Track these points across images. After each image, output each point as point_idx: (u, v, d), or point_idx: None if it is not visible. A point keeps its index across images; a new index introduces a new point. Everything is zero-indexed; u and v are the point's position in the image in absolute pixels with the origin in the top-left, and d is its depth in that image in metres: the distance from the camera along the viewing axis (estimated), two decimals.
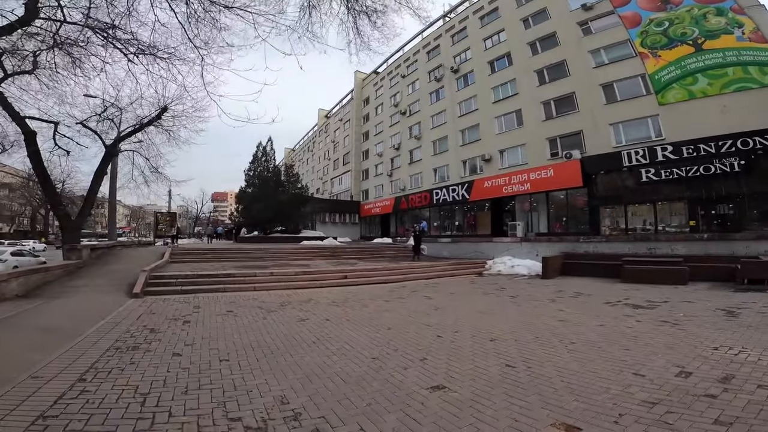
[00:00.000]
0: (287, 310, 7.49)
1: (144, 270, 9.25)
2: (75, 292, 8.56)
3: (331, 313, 7.23)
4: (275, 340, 5.28)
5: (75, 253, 11.27)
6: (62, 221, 13.92)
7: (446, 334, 5.73)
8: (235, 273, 10.23)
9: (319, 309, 7.65)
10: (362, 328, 6.10)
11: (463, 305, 8.32)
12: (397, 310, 7.75)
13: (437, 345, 5.14)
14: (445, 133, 32.57)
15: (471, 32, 31.53)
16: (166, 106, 15.28)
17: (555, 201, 23.53)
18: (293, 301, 8.41)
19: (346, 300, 8.76)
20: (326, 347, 5.02)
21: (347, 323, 6.45)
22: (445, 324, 6.44)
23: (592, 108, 21.50)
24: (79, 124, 14.52)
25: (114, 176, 17.25)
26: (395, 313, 7.35)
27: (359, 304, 8.27)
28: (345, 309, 7.71)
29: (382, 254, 18.49)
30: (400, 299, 9.09)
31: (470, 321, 6.67)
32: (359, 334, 5.77)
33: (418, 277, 12.79)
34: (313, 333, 5.74)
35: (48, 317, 6.37)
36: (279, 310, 7.38)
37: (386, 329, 6.08)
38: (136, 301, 7.81)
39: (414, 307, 8.03)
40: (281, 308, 7.60)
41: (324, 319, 6.75)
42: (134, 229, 76.83)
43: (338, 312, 7.38)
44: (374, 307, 8.03)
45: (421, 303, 8.56)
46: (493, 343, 5.16)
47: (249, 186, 30.83)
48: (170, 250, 14.56)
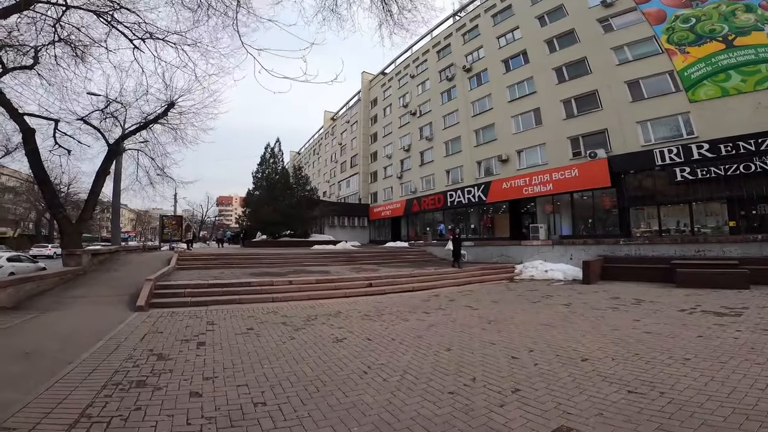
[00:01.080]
0: (316, 326, 6.39)
1: (149, 279, 8.19)
2: (71, 304, 7.50)
3: (369, 330, 6.13)
4: (316, 370, 4.18)
5: (74, 260, 10.24)
6: (62, 225, 12.92)
7: (521, 354, 4.75)
8: (250, 282, 9.15)
9: (353, 324, 6.54)
10: (416, 350, 5.02)
11: (518, 316, 7.24)
12: (444, 324, 6.65)
13: (520, 369, 4.18)
14: (458, 133, 31.60)
15: (483, 30, 30.64)
16: (173, 101, 14.34)
17: (579, 202, 22.45)
18: (320, 315, 7.30)
19: (380, 312, 7.65)
20: (383, 379, 3.95)
21: (394, 343, 5.36)
22: (512, 341, 5.44)
23: (617, 106, 20.57)
24: (81, 120, 13.55)
25: (118, 177, 16.25)
26: (445, 329, 6.26)
27: (397, 318, 7.16)
28: (383, 324, 6.61)
29: (402, 259, 17.38)
30: (440, 310, 7.99)
31: (538, 336, 5.67)
32: (415, 358, 4.69)
33: (448, 284, 11.70)
34: (359, 358, 4.65)
35: (35, 336, 5.30)
36: (307, 327, 6.28)
37: (445, 350, 5.02)
38: (140, 315, 6.73)
39: (462, 320, 6.94)
40: (308, 324, 6.50)
41: (364, 338, 5.64)
42: (140, 233, 76.01)
43: (377, 328, 6.28)
44: (415, 321, 6.92)
45: (467, 315, 7.48)
46: (588, 364, 4.31)
47: (257, 189, 29.89)
48: (177, 255, 13.50)
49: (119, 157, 15.94)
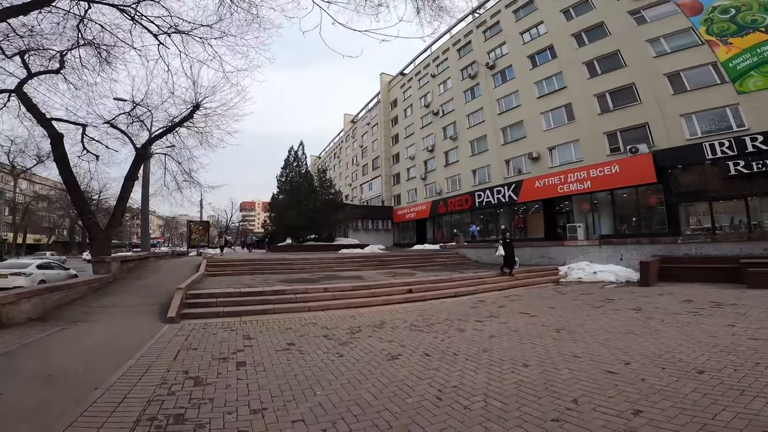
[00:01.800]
0: (362, 339, 5.72)
1: (179, 288, 7.70)
2: (100, 315, 7.06)
3: (423, 344, 5.42)
4: (379, 397, 3.50)
5: (103, 267, 9.93)
6: (91, 231, 12.75)
7: (618, 368, 4.12)
8: (283, 289, 8.56)
9: (403, 337, 5.84)
10: (487, 367, 4.31)
11: (588, 324, 6.40)
12: (506, 334, 5.90)
13: (627, 386, 3.60)
14: (484, 132, 30.78)
15: (505, 26, 29.84)
16: (199, 103, 14.07)
17: (620, 200, 21.28)
18: (363, 326, 6.62)
19: (428, 322, 6.92)
20: (464, 406, 3.27)
21: (458, 360, 4.65)
22: (597, 352, 4.74)
23: (658, 99, 19.53)
24: (107, 123, 13.42)
25: (146, 182, 16.10)
26: (509, 341, 5.51)
27: (450, 328, 6.42)
28: (437, 336, 5.88)
29: (434, 262, 16.57)
30: (493, 318, 7.21)
31: (625, 346, 4.97)
32: (491, 377, 4.00)
33: (490, 288, 10.88)
34: (424, 379, 3.96)
35: (59, 353, 4.80)
36: (352, 341, 5.60)
37: (522, 366, 4.32)
38: (171, 327, 6.20)
39: (525, 330, 6.16)
40: (354, 338, 5.83)
41: (421, 353, 4.92)
42: (168, 239, 77.75)
43: (432, 341, 5.56)
44: (471, 331, 6.17)
45: (528, 323, 6.67)
46: (708, 376, 3.75)
47: (281, 192, 29.66)
48: (206, 261, 13.13)
49: (147, 161, 15.81)
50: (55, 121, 12.79)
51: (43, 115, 12.18)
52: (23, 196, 45.44)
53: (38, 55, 12.23)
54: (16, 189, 42.79)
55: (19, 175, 39.54)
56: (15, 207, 42.64)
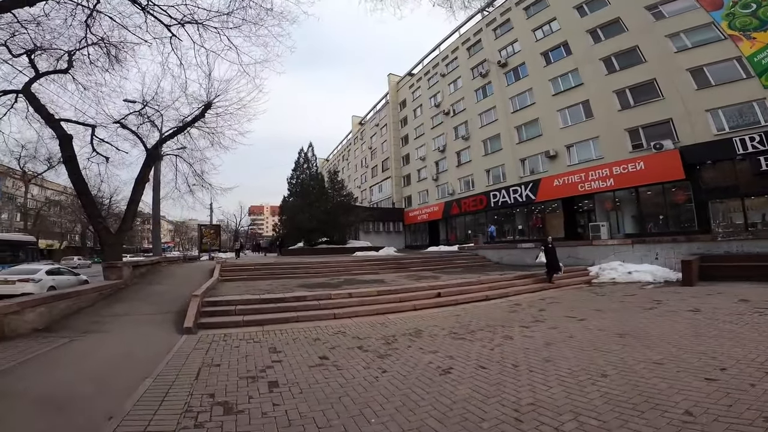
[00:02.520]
0: (402, 351, 5.12)
1: (195, 295, 7.13)
2: (111, 325, 6.54)
3: (472, 354, 4.83)
4: (449, 423, 2.97)
5: (114, 272, 9.44)
6: (101, 236, 12.31)
7: (715, 374, 3.71)
8: (305, 295, 7.98)
9: (447, 347, 5.24)
10: (559, 379, 3.76)
11: (650, 328, 5.79)
12: (562, 341, 5.31)
13: (742, 394, 3.15)
14: (497, 130, 30.09)
15: (516, 24, 29.27)
16: (210, 102, 13.63)
17: (645, 197, 20.47)
18: (398, 335, 6.01)
19: (468, 329, 6.31)
20: (553, 428, 2.76)
21: (521, 371, 4.09)
22: (678, 358, 4.30)
23: (681, 94, 18.89)
24: (118, 123, 13.01)
25: (157, 185, 15.68)
26: (569, 348, 4.94)
27: (495, 335, 5.84)
28: (483, 344, 5.29)
29: (455, 264, 15.90)
30: (539, 323, 6.59)
31: (705, 349, 4.58)
32: (567, 390, 3.46)
33: (522, 290, 10.26)
34: (492, 398, 3.41)
35: (65, 371, 4.26)
36: (392, 353, 5.00)
37: (600, 376, 3.81)
38: (189, 339, 5.64)
39: (581, 335, 5.60)
40: (391, 349, 5.23)
41: (474, 366, 4.34)
42: (178, 243, 77.83)
43: (481, 351, 4.98)
44: (521, 338, 5.60)
45: (580, 328, 6.06)
46: None
47: (292, 195, 29.19)
48: (220, 266, 12.61)
49: (158, 163, 15.40)
50: (64, 122, 12.44)
51: (52, 116, 11.83)
52: (35, 201, 45.62)
53: (46, 54, 11.93)
54: (28, 194, 42.93)
55: (30, 180, 39.66)
56: (27, 212, 42.75)
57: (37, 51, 11.50)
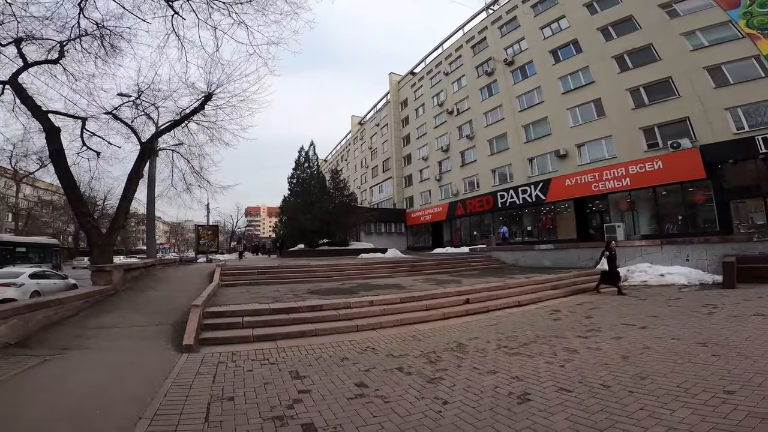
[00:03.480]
0: (453, 371, 4.40)
1: (195, 305, 6.17)
2: (96, 339, 5.55)
3: (541, 374, 4.09)
4: None
5: (103, 277, 8.39)
6: (90, 236, 11.27)
7: None
8: (321, 304, 7.04)
9: (504, 364, 4.56)
10: (677, 400, 3.08)
11: (726, 334, 5.23)
12: (639, 352, 4.62)
13: None
14: (503, 129, 29.42)
15: (523, 22, 28.59)
16: (211, 93, 12.66)
17: (662, 197, 19.88)
18: (438, 350, 5.17)
19: (517, 341, 5.62)
20: None
21: (616, 393, 3.37)
22: None
23: (699, 93, 18.38)
24: (110, 114, 12.01)
25: (152, 182, 14.61)
26: (653, 360, 4.28)
27: (554, 348, 5.07)
28: (548, 360, 4.55)
29: (470, 266, 15.02)
30: (597, 332, 5.86)
31: None
32: (698, 414, 2.79)
33: (554, 295, 9.55)
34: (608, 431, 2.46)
35: (29, 407, 3.28)
36: (443, 376, 4.26)
37: (726, 393, 3.11)
38: (190, 359, 4.70)
39: (655, 345, 4.96)
40: (439, 369, 4.49)
41: (556, 389, 3.69)
42: (173, 245, 76.09)
43: (549, 369, 4.23)
44: (587, 351, 4.84)
45: (645, 336, 5.39)
46: None
47: (292, 195, 28.15)
48: (220, 270, 11.59)
49: (153, 159, 14.38)
50: (53, 114, 11.61)
51: (39, 108, 11.06)
52: (27, 201, 44.23)
53: (36, 44, 11.09)
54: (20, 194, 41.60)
55: (21, 179, 38.37)
56: (18, 213, 41.38)
57: (26, 41, 10.67)
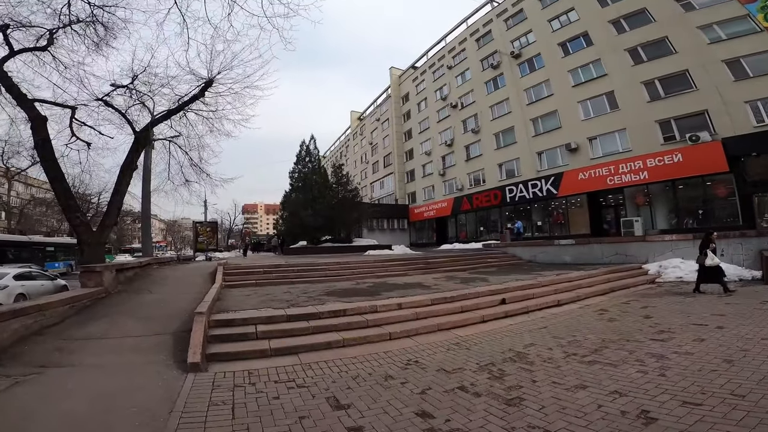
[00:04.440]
0: (528, 388, 3.80)
1: (199, 312, 5.27)
2: (81, 354, 4.64)
3: (643, 386, 3.38)
4: None
5: (93, 278, 7.43)
6: (80, 233, 10.22)
7: None
8: (345, 309, 6.18)
9: (587, 375, 3.83)
10: None
11: None
12: (740, 357, 3.87)
13: None
14: (510, 123, 28.71)
15: (530, 14, 27.96)
16: (212, 79, 11.66)
17: (680, 191, 19.31)
18: (496, 361, 4.52)
19: (582, 345, 4.88)
20: None
21: (760, 406, 2.65)
22: None
23: (717, 86, 17.89)
24: (100, 101, 10.98)
25: (147, 175, 13.59)
26: None
27: (641, 354, 4.35)
28: (640, 370, 3.80)
29: (487, 263, 14.21)
30: (670, 333, 5.17)
31: None
32: None
33: (592, 293, 8.71)
34: None
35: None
36: (520, 395, 3.62)
37: None
38: (198, 382, 3.81)
39: (752, 348, 4.32)
40: (511, 387, 3.85)
41: (679, 402, 2.97)
42: (170, 243, 74.52)
43: (652, 380, 3.49)
44: (678, 357, 4.12)
45: (731, 337, 4.71)
46: None
47: (293, 190, 27.17)
48: (222, 269, 10.61)
49: (148, 150, 13.35)
50: (39, 103, 10.71)
51: (24, 96, 10.16)
52: (19, 199, 42.91)
53: (24, 31, 10.30)
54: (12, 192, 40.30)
55: (13, 177, 37.14)
56: (9, 211, 40.11)
57: (13, 27, 9.89)
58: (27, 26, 10.12)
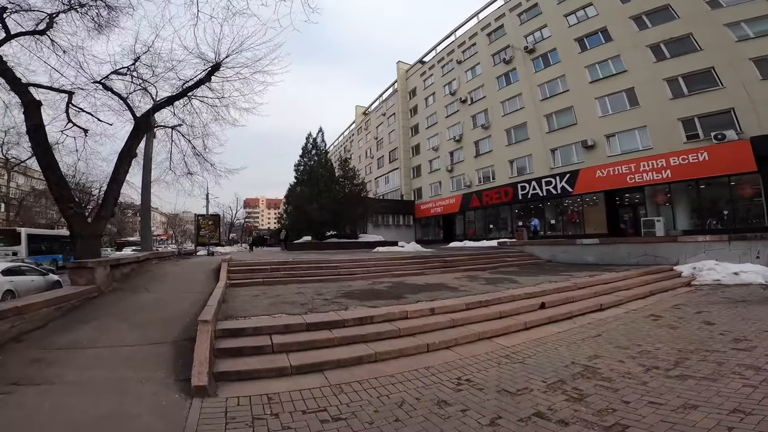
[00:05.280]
0: (625, 409, 3.02)
1: (204, 320, 4.38)
2: (62, 367, 3.87)
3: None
4: None
5: (84, 275, 6.64)
6: (73, 225, 9.45)
7: None
8: (372, 315, 5.45)
9: (694, 395, 3.05)
10: None
11: None
12: None
13: None
14: (523, 119, 28.02)
15: (545, 9, 27.23)
16: (219, 62, 10.88)
17: (703, 190, 18.75)
18: (566, 378, 4.00)
19: (657, 357, 4.14)
20: None
21: None
22: None
23: (744, 84, 17.29)
24: (98, 84, 10.20)
25: (148, 163, 12.79)
26: None
27: (735, 365, 3.64)
28: (748, 384, 3.13)
29: (505, 262, 13.48)
30: (750, 342, 4.48)
31: None
32: None
33: (630, 296, 7.90)
34: None
35: None
36: (629, 422, 2.94)
37: None
38: (207, 410, 3.11)
39: None
40: (599, 409, 3.10)
41: None
42: (171, 236, 73.57)
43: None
44: None
45: None
46: None
47: (299, 183, 26.33)
48: (226, 265, 9.82)
49: (150, 137, 12.55)
50: (35, 88, 10.14)
51: (18, 80, 9.54)
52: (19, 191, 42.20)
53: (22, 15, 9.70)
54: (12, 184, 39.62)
55: (13, 168, 36.42)
56: (9, 202, 39.41)
57: (11, 10, 9.32)
58: (26, 10, 9.61)
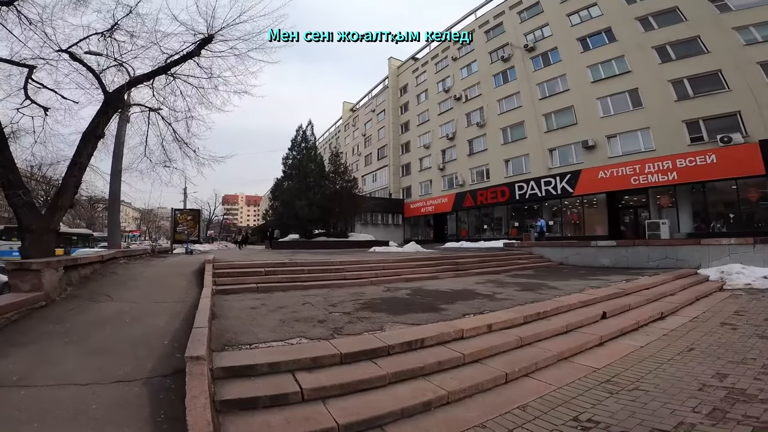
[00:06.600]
0: None
1: (195, 357, 2.83)
2: None
3: None
4: None
5: (28, 279, 5.12)
6: (21, 216, 7.74)
7: None
8: (423, 338, 4.05)
9: None
10: None
11: None
12: None
13: None
14: (520, 118, 27.40)
15: (547, 8, 26.78)
16: (212, 34, 9.39)
17: (709, 193, 18.51)
18: (722, 408, 2.90)
19: None
20: None
21: None
22: None
23: (752, 87, 17.18)
24: (63, 52, 8.51)
25: (119, 147, 11.06)
26: None
27: None
28: None
29: (518, 265, 12.58)
30: None
31: None
32: None
33: (679, 302, 7.12)
34: None
35: None
36: None
37: None
38: None
39: None
40: None
41: None
42: (144, 232, 69.64)
43: None
44: None
45: None
46: None
47: (286, 178, 24.79)
48: (211, 267, 8.26)
49: (122, 119, 10.83)
50: None
51: None
52: None
53: None
54: None
55: None
56: None
57: None
58: None
